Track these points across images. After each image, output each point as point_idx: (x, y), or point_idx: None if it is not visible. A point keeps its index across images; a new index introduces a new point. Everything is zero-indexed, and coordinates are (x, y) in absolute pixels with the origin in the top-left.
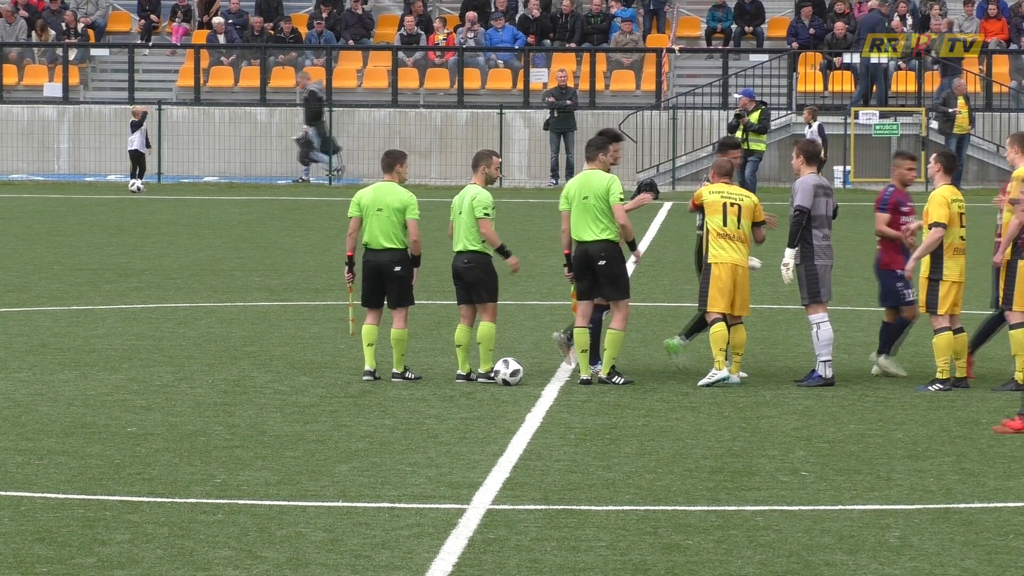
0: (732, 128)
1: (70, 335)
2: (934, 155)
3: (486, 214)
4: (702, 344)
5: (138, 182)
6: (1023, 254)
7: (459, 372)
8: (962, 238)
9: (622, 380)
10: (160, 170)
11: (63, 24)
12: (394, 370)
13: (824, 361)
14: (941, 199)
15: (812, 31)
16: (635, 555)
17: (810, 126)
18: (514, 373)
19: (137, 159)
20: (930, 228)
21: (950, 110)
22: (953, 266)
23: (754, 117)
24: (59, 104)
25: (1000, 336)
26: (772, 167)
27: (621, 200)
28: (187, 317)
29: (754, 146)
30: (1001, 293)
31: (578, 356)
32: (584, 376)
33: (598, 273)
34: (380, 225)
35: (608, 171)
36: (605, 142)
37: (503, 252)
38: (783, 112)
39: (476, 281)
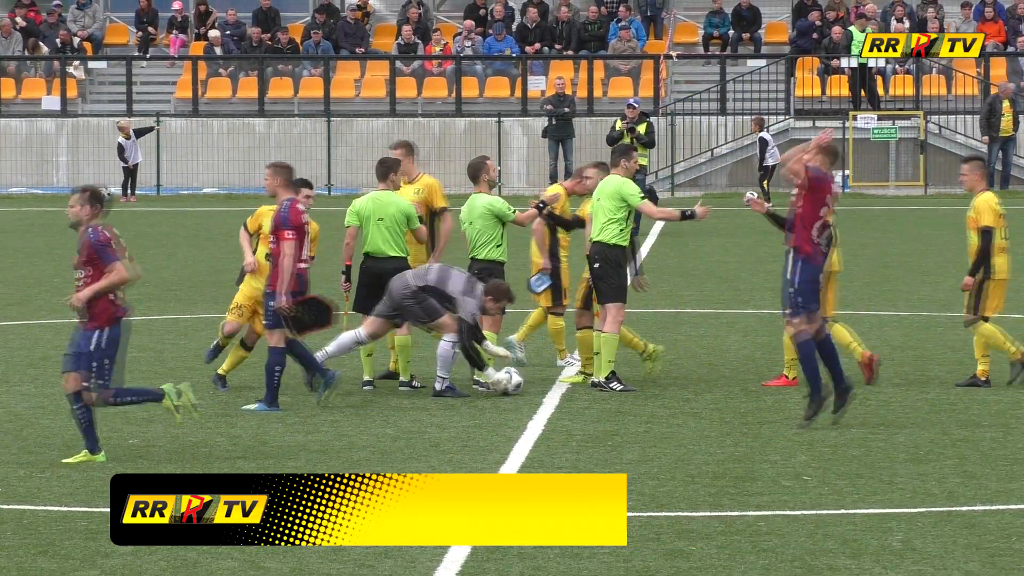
0: (614, 139)
1: None
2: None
3: (513, 211)
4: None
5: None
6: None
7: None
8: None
9: (620, 387)
10: (159, 182)
11: (57, 41)
12: (401, 378)
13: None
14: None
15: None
16: (638, 561)
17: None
18: (515, 384)
19: (131, 172)
20: None
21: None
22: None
23: (642, 128)
24: (57, 117)
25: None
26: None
27: (643, 199)
28: (188, 329)
29: (642, 160)
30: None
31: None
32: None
33: (592, 275)
34: (383, 235)
35: (631, 178)
36: (628, 148)
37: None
38: (781, 117)
39: None
